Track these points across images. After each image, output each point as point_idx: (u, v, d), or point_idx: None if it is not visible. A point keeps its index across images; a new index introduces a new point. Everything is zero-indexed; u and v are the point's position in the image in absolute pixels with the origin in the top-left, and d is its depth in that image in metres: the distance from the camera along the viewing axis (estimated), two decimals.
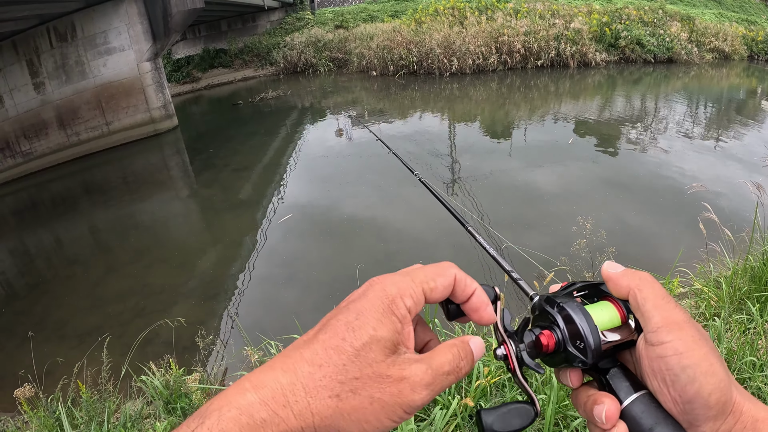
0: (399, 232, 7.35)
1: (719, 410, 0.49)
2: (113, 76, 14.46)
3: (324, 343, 0.49)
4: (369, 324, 0.49)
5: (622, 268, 0.58)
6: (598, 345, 0.54)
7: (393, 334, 0.50)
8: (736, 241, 4.13)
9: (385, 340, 0.49)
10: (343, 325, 0.49)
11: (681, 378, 0.50)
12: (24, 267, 8.67)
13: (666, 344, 0.51)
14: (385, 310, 0.50)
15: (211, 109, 21.05)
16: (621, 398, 0.54)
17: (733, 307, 3.34)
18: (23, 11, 11.85)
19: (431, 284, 0.54)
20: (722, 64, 19.33)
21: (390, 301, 0.51)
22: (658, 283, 0.56)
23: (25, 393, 3.13)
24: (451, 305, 0.57)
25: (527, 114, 14.08)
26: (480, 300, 0.56)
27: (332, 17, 25.63)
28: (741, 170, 8.61)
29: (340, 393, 0.46)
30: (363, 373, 0.47)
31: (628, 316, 0.57)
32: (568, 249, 5.49)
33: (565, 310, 0.56)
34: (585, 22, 19.14)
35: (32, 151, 14.28)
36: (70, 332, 6.08)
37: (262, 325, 5.48)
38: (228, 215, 9.01)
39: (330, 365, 0.47)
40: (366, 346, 0.48)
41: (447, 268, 0.56)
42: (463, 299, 0.56)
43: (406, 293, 0.52)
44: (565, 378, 0.59)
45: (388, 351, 0.49)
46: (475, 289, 0.56)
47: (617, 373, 0.56)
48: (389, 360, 0.48)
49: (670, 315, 0.52)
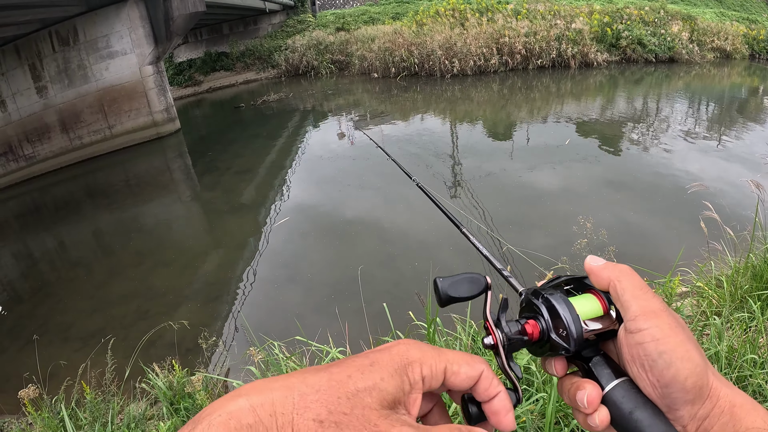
0: (401, 234, 7.36)
1: (696, 394, 0.51)
2: (115, 79, 14.51)
3: (331, 374, 0.49)
4: (378, 374, 0.49)
5: (604, 262, 0.60)
6: (580, 333, 0.56)
7: (398, 391, 0.50)
8: (738, 240, 4.14)
9: (387, 393, 0.49)
10: (355, 366, 0.50)
11: (658, 363, 0.52)
12: (27, 270, 8.70)
13: (644, 331, 0.53)
14: (399, 368, 0.50)
15: (213, 112, 21.10)
16: (603, 384, 0.56)
17: (735, 305, 3.34)
18: (25, 15, 11.90)
19: (455, 368, 0.53)
20: (724, 64, 19.31)
21: (408, 363, 0.51)
22: (636, 275, 0.58)
23: (29, 394, 3.15)
24: (472, 406, 0.56)
25: (529, 115, 14.08)
26: (503, 405, 0.55)
27: (333, 20, 25.67)
28: (743, 169, 8.60)
29: (324, 420, 0.45)
30: (353, 412, 0.46)
31: (609, 306, 0.59)
32: (569, 248, 5.49)
33: (549, 300, 0.58)
34: (586, 22, 19.14)
35: (35, 154, 14.34)
36: (73, 335, 6.11)
37: (265, 326, 5.49)
38: (230, 218, 9.03)
39: (326, 393, 0.47)
40: (367, 390, 0.48)
41: (478, 361, 0.55)
42: (485, 399, 0.55)
43: (426, 362, 0.52)
44: (551, 367, 0.61)
45: (386, 404, 0.48)
46: (500, 392, 0.55)
47: (599, 361, 0.58)
48: (383, 412, 0.48)
49: (647, 304, 0.55)
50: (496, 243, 6.60)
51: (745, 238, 4.16)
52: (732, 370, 2.64)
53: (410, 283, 5.85)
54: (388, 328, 3.40)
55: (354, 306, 5.56)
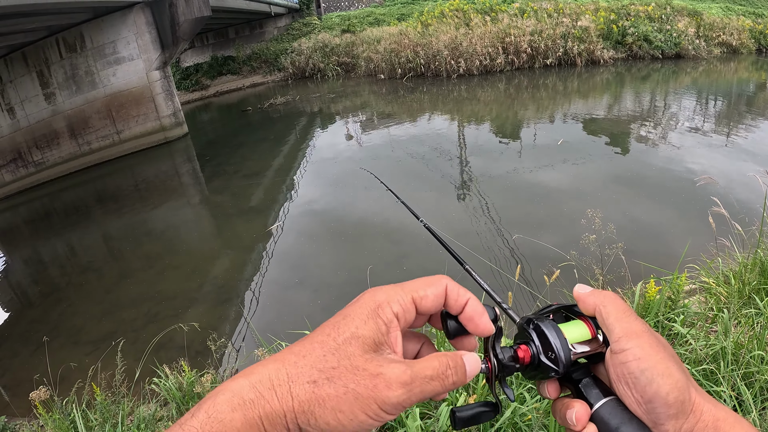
0: (410, 235, 7.36)
1: (678, 408, 0.54)
2: (123, 85, 14.61)
3: (311, 338, 0.54)
4: (353, 323, 0.54)
5: (590, 289, 0.64)
6: (568, 355, 0.60)
7: (376, 334, 0.53)
8: (747, 236, 4.11)
9: (366, 338, 0.53)
10: (330, 325, 0.54)
11: (641, 380, 0.55)
12: (38, 275, 8.77)
13: (627, 351, 0.56)
14: (370, 313, 0.54)
15: (221, 116, 21.18)
16: (592, 403, 0.60)
17: (742, 301, 3.33)
18: (32, 23, 12.00)
19: (421, 293, 0.57)
20: (730, 58, 19.18)
21: (377, 306, 0.55)
22: (620, 300, 0.62)
23: (40, 396, 3.18)
24: (450, 320, 0.61)
25: (536, 113, 14.04)
26: (474, 309, 0.59)
27: (339, 22, 25.72)
28: (751, 163, 8.54)
29: (317, 379, 0.50)
30: (340, 364, 0.51)
31: (597, 331, 0.63)
32: (577, 245, 5.48)
33: (539, 327, 0.62)
34: (592, 19, 19.07)
35: (44, 160, 14.46)
36: (84, 338, 6.15)
37: (274, 328, 5.51)
38: (239, 221, 9.06)
39: (312, 356, 0.52)
40: (347, 341, 0.52)
41: (439, 278, 0.59)
42: (458, 310, 0.59)
43: (393, 300, 0.56)
44: (544, 390, 0.64)
45: (368, 348, 0.52)
46: (469, 299, 0.60)
47: (589, 382, 0.62)
48: (368, 356, 0.52)
49: (630, 326, 0.58)
50: (504, 241, 6.60)
51: (754, 234, 4.13)
52: (738, 366, 2.62)
53: None
54: None
55: None
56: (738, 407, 2.44)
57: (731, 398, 2.46)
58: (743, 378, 2.58)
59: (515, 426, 2.47)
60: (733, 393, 2.49)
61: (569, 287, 4.07)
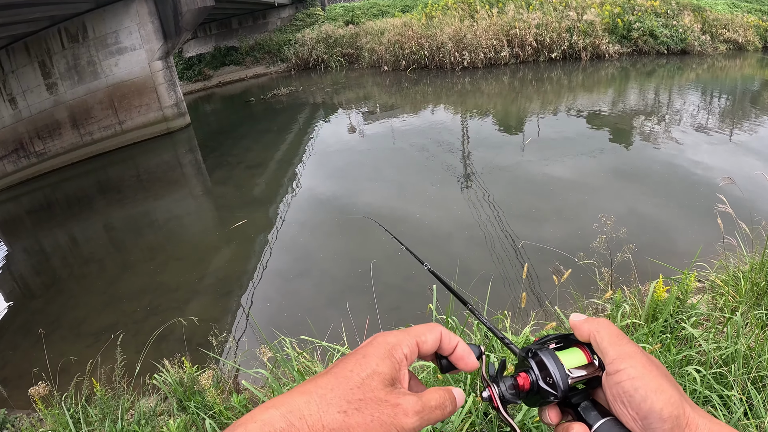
0: (414, 227, 7.32)
1: (673, 423, 0.57)
2: (125, 75, 14.56)
3: (336, 374, 0.61)
4: (373, 361, 0.62)
5: (585, 317, 0.69)
6: (565, 379, 0.65)
7: (392, 371, 0.62)
8: (753, 235, 4.07)
9: (385, 375, 0.61)
10: (353, 362, 0.62)
11: (635, 397, 0.59)
12: (40, 266, 8.76)
13: (621, 371, 0.61)
14: (386, 353, 0.63)
15: (224, 106, 21.12)
16: (590, 424, 0.64)
17: (752, 302, 3.28)
18: (34, 13, 11.95)
19: (422, 338, 0.67)
20: (736, 55, 19.02)
21: (391, 348, 0.64)
22: (612, 326, 0.67)
23: (39, 391, 3.16)
24: (443, 360, 0.70)
25: (540, 107, 13.96)
26: (462, 350, 0.70)
27: (342, 13, 25.60)
28: (758, 161, 8.48)
29: (347, 410, 0.56)
30: (366, 396, 0.58)
31: (593, 356, 0.68)
32: (583, 240, 5.44)
33: (537, 355, 0.68)
34: (597, 13, 18.93)
35: (46, 151, 14.43)
36: (85, 330, 6.14)
37: (276, 321, 5.49)
38: (241, 212, 9.02)
39: (340, 389, 0.58)
40: (369, 377, 0.60)
41: (434, 327, 0.69)
42: (449, 351, 0.70)
43: (403, 343, 0.65)
44: (545, 416, 0.69)
45: (387, 383, 0.61)
46: (458, 342, 0.70)
47: (587, 405, 0.66)
48: (387, 389, 0.60)
49: (622, 349, 0.63)
50: (509, 239, 6.56)
51: (760, 233, 4.09)
52: (748, 370, 2.58)
53: (423, 277, 5.77)
54: (400, 323, 3.37)
55: (366, 300, 5.54)
56: (749, 411, 2.40)
57: (742, 402, 2.42)
58: (753, 382, 2.54)
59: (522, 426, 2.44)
60: (743, 397, 2.45)
61: (576, 287, 4.04)
